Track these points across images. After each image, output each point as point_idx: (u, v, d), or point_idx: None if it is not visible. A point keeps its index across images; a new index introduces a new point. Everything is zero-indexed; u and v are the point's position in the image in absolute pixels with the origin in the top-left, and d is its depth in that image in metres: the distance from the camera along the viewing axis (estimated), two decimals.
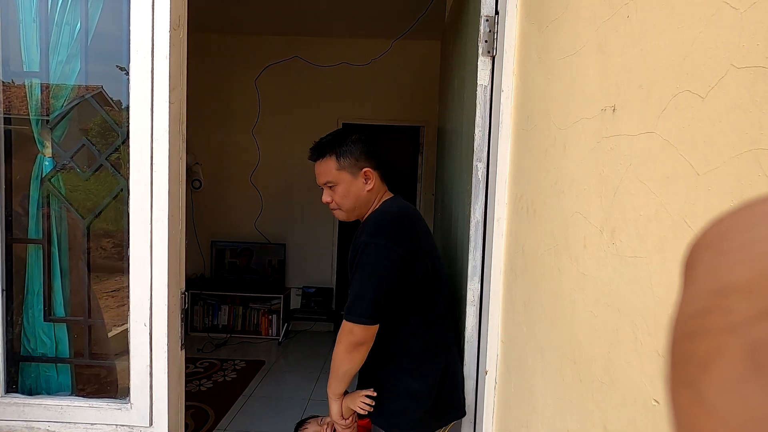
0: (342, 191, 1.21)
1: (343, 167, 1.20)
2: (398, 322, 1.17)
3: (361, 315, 1.09)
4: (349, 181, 1.21)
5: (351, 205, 1.22)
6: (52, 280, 1.15)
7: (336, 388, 1.19)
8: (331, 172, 1.21)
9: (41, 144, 1.13)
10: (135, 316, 1.04)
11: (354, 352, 1.12)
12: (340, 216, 1.26)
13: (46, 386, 1.17)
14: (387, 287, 1.11)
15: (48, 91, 1.11)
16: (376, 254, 1.11)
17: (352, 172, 1.21)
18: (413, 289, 1.16)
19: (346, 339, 1.12)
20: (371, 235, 1.12)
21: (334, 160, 1.21)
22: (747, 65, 0.36)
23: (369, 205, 1.24)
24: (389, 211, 1.19)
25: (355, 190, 1.21)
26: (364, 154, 1.22)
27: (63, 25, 1.08)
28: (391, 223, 1.15)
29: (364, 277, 1.11)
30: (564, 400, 0.68)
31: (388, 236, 1.12)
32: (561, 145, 0.73)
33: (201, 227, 4.07)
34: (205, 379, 3.15)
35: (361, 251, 1.12)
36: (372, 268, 1.11)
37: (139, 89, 1.01)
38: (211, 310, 4.03)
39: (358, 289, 1.11)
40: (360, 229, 1.20)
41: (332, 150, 1.21)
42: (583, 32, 0.66)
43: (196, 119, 3.99)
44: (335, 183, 1.21)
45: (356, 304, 1.10)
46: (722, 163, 0.38)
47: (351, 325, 1.10)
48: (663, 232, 0.45)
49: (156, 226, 1.02)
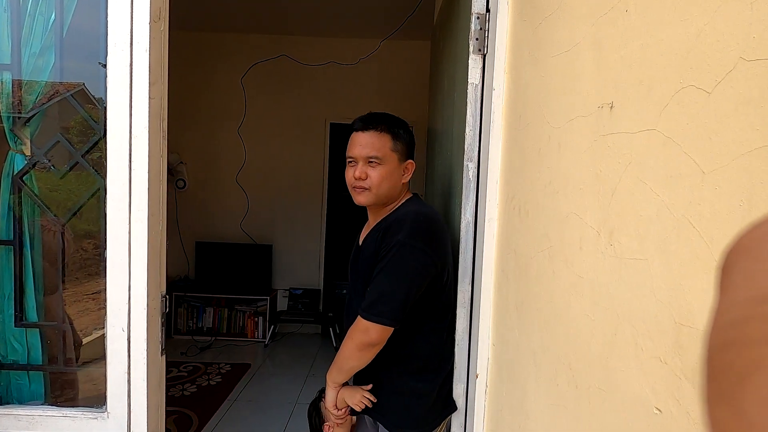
0: (384, 172, 1.14)
1: (396, 150, 1.17)
2: (413, 327, 1.13)
3: (384, 315, 1.04)
4: (395, 165, 1.16)
5: (386, 190, 1.16)
6: (24, 283, 1.10)
7: (336, 377, 1.15)
8: (384, 148, 1.15)
9: (12, 140, 1.07)
10: (112, 321, 1.00)
11: (365, 351, 1.07)
12: (364, 198, 1.16)
13: (18, 395, 1.11)
14: (416, 292, 1.07)
15: (20, 84, 1.06)
16: (412, 256, 1.06)
17: (400, 158, 1.17)
18: (435, 296, 1.13)
19: (359, 337, 1.06)
20: (409, 237, 1.06)
21: (390, 139, 1.16)
22: (758, 57, 0.34)
23: (396, 196, 1.20)
24: (425, 213, 1.14)
25: (396, 177, 1.17)
26: (411, 146, 1.20)
27: (36, 15, 1.03)
28: (428, 226, 1.11)
29: (396, 278, 1.05)
30: (558, 406, 0.66)
31: (426, 240, 1.08)
32: (555, 144, 0.72)
33: (185, 228, 3.98)
34: (189, 384, 3.08)
35: (395, 251, 1.06)
36: (404, 270, 1.05)
37: (117, 84, 0.97)
38: (195, 312, 3.95)
39: (385, 288, 1.05)
40: (387, 226, 1.12)
41: (391, 128, 1.16)
42: (579, 28, 0.65)
43: (181, 118, 3.92)
44: (381, 161, 1.14)
45: (379, 304, 1.04)
46: (731, 160, 0.36)
47: (368, 323, 1.04)
48: (665, 233, 0.44)
49: (135, 226, 0.98)
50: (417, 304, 1.10)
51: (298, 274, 4.13)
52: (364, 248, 1.18)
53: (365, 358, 1.09)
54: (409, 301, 1.06)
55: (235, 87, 3.98)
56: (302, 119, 4.03)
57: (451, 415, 1.20)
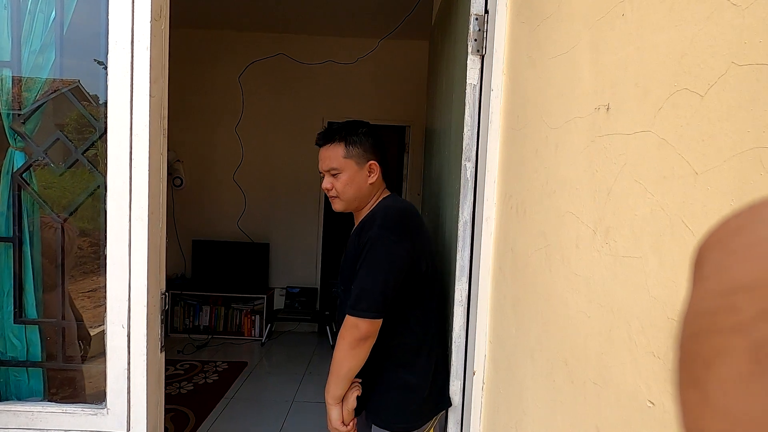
0: (345, 179, 1.20)
1: (351, 156, 1.20)
2: (397, 318, 1.16)
3: (368, 309, 1.08)
4: (354, 171, 1.20)
5: (352, 195, 1.21)
6: (23, 280, 1.10)
7: (335, 391, 1.13)
8: (338, 158, 1.20)
9: (12, 137, 1.07)
10: (112, 318, 1.00)
11: (358, 348, 1.09)
12: (338, 205, 1.24)
13: (16, 391, 1.11)
14: (395, 282, 1.10)
15: (20, 82, 1.06)
16: (385, 249, 1.10)
17: (358, 162, 1.21)
18: (415, 285, 1.16)
19: (350, 334, 1.09)
20: (380, 229, 1.11)
21: (342, 147, 1.20)
22: (749, 62, 0.35)
23: (369, 198, 1.24)
24: (396, 207, 1.18)
25: (359, 181, 1.21)
26: (372, 146, 1.23)
27: (36, 13, 1.03)
28: (399, 218, 1.15)
29: (373, 272, 1.09)
30: (555, 402, 0.68)
31: (396, 232, 1.12)
32: (552, 145, 0.73)
33: (182, 226, 3.98)
34: (186, 382, 3.08)
35: (369, 246, 1.10)
36: (380, 263, 1.09)
37: (118, 82, 0.97)
38: (192, 310, 3.94)
39: (366, 283, 1.09)
40: (361, 226, 1.18)
41: (341, 137, 1.21)
42: (576, 30, 0.66)
43: (178, 116, 3.91)
44: (339, 170, 1.20)
45: (363, 299, 1.08)
46: (722, 162, 0.37)
47: (356, 319, 1.08)
48: (659, 232, 0.45)
49: (135, 224, 0.98)
50: (401, 294, 1.13)
51: (295, 272, 4.14)
52: (347, 250, 1.22)
53: (360, 355, 1.10)
54: (389, 291, 1.10)
55: (233, 85, 3.98)
56: (300, 118, 4.03)
57: (447, 411, 1.22)
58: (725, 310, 0.15)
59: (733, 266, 0.15)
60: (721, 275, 0.16)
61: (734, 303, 0.14)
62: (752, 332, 0.13)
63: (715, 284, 0.16)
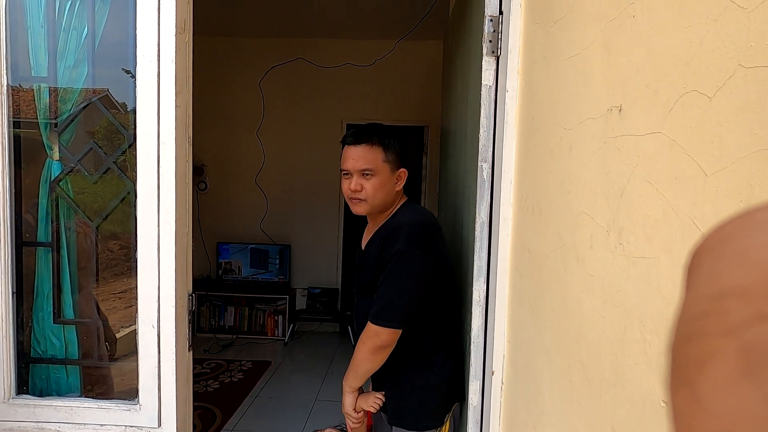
0: (377, 183, 1.19)
1: (388, 160, 1.20)
2: (418, 322, 1.20)
3: (391, 320, 1.13)
4: (387, 176, 1.20)
5: (381, 200, 1.21)
6: (61, 282, 1.16)
7: (353, 382, 1.23)
8: (376, 161, 1.19)
9: (50, 148, 1.14)
10: (143, 318, 1.05)
11: (377, 353, 1.15)
12: (361, 208, 1.22)
13: (56, 387, 1.18)
14: (419, 296, 1.15)
15: (56, 95, 1.12)
16: (410, 264, 1.14)
17: (392, 168, 1.21)
18: (436, 292, 1.20)
19: (371, 341, 1.15)
20: (406, 245, 1.14)
21: (381, 151, 1.19)
22: (755, 65, 0.35)
23: (392, 204, 1.25)
24: (419, 221, 1.20)
25: (389, 187, 1.21)
26: (403, 153, 1.24)
27: (70, 30, 1.10)
28: (423, 232, 1.19)
29: (398, 285, 1.14)
30: (572, 401, 0.68)
31: (422, 247, 1.16)
32: (567, 146, 0.73)
33: (206, 229, 4.09)
34: (212, 380, 3.17)
35: (395, 260, 1.14)
36: (405, 277, 1.14)
37: (146, 93, 1.02)
38: (217, 311, 4.05)
39: (390, 295, 1.14)
40: (384, 235, 1.19)
41: (380, 139, 1.20)
42: (589, 32, 0.66)
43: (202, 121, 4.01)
44: (374, 173, 1.18)
45: (386, 310, 1.13)
46: (731, 163, 0.38)
47: (378, 328, 1.13)
48: (671, 233, 0.45)
49: (163, 228, 1.03)
50: (424, 305, 1.18)
51: (317, 273, 4.20)
52: (367, 253, 1.25)
53: (378, 360, 1.17)
54: (413, 304, 1.15)
55: (254, 90, 4.06)
56: (319, 120, 4.08)
57: (464, 408, 1.25)
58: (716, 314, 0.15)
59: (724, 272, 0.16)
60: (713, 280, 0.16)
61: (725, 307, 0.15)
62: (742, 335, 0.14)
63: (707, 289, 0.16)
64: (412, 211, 1.24)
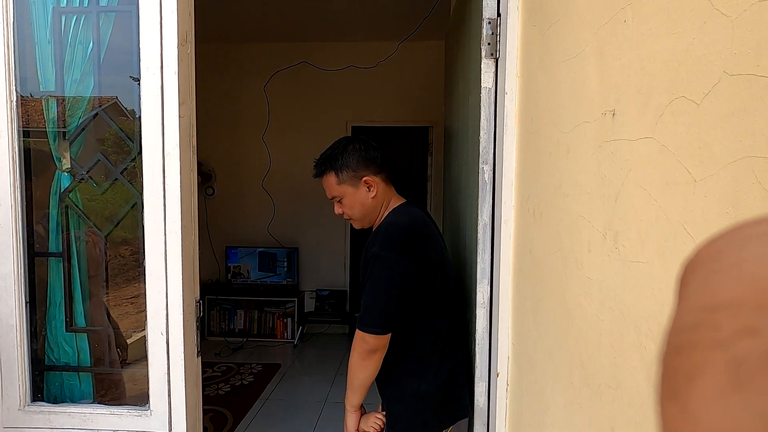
0: (348, 203, 1.25)
1: (343, 181, 1.23)
2: (410, 328, 1.20)
3: (372, 325, 1.13)
4: (352, 193, 1.24)
5: (360, 214, 1.26)
6: (72, 291, 1.19)
7: (353, 399, 1.21)
8: (333, 187, 1.24)
9: (59, 160, 1.16)
10: (152, 325, 1.07)
11: (368, 359, 1.15)
12: (356, 225, 1.30)
13: (70, 394, 1.21)
14: (396, 299, 1.14)
15: (64, 108, 1.15)
16: (386, 267, 1.14)
17: (353, 184, 1.23)
18: (423, 298, 1.19)
19: (360, 347, 1.15)
20: (381, 248, 1.15)
21: (334, 176, 1.24)
22: (739, 72, 0.36)
23: (377, 210, 1.27)
24: (399, 222, 1.21)
25: (360, 200, 1.24)
26: (362, 162, 1.23)
27: (76, 44, 1.12)
28: (400, 235, 1.18)
29: (375, 289, 1.15)
30: (573, 404, 0.68)
31: (397, 249, 1.15)
32: (564, 148, 0.73)
33: (215, 233, 4.13)
34: (223, 383, 3.20)
35: (372, 263, 1.15)
36: (382, 281, 1.14)
37: (150, 105, 1.04)
38: (227, 314, 4.09)
39: (369, 300, 1.15)
40: (371, 239, 1.23)
41: (330, 166, 1.24)
42: (583, 35, 0.66)
43: (208, 127, 4.06)
44: (341, 197, 1.25)
45: (366, 315, 1.14)
46: (718, 169, 0.38)
47: (363, 333, 1.14)
48: (664, 237, 0.46)
49: (170, 237, 1.05)
50: (407, 308, 1.16)
51: (325, 275, 4.22)
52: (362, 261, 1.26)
53: (371, 366, 1.16)
54: (391, 307, 1.13)
55: (258, 95, 4.10)
56: (324, 123, 4.10)
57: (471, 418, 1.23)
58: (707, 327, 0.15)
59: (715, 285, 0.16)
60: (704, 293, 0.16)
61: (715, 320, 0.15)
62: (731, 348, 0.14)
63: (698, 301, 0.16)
64: (398, 214, 1.24)
